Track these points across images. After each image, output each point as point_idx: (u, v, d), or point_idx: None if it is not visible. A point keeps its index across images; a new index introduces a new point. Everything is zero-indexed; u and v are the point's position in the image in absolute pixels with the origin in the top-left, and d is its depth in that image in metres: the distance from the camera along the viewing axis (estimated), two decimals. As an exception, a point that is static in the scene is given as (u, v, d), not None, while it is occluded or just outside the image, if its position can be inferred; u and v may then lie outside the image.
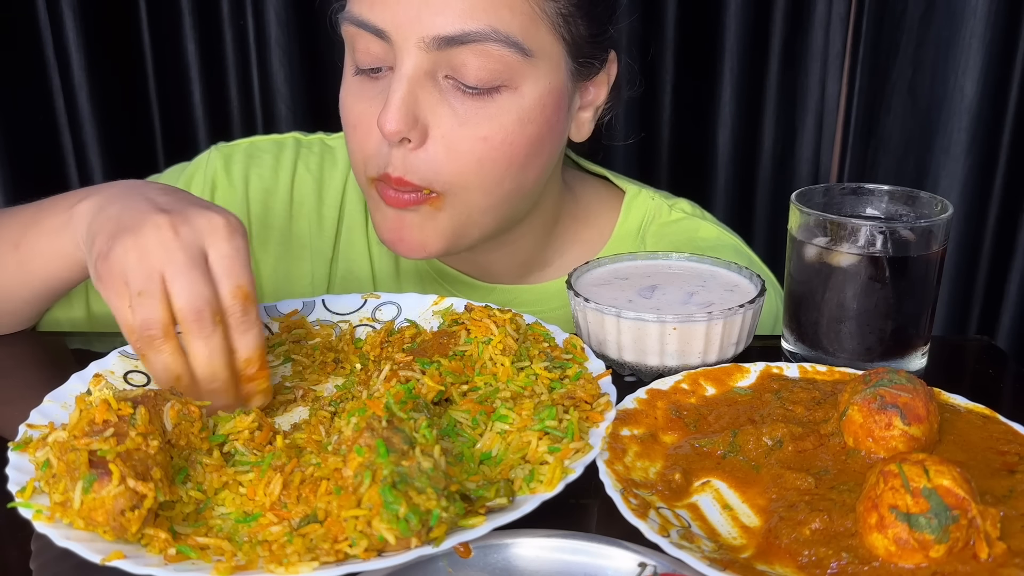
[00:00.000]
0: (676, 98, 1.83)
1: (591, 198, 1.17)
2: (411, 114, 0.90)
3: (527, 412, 0.73)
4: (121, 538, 0.62)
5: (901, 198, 0.93)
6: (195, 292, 0.74)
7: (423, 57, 0.90)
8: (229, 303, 0.76)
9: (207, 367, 0.75)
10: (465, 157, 0.92)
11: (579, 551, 0.62)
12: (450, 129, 0.92)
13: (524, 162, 0.96)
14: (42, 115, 1.80)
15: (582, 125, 1.04)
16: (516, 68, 0.91)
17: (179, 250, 0.74)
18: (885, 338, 0.88)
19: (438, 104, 0.92)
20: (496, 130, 0.92)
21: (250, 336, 0.77)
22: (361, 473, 0.61)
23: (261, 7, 1.76)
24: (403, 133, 0.90)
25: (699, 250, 1.10)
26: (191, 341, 0.74)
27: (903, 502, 0.59)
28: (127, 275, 0.74)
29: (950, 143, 1.78)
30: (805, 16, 1.76)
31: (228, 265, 0.76)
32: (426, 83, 0.91)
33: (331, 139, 1.22)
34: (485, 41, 0.89)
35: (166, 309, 0.74)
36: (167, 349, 0.74)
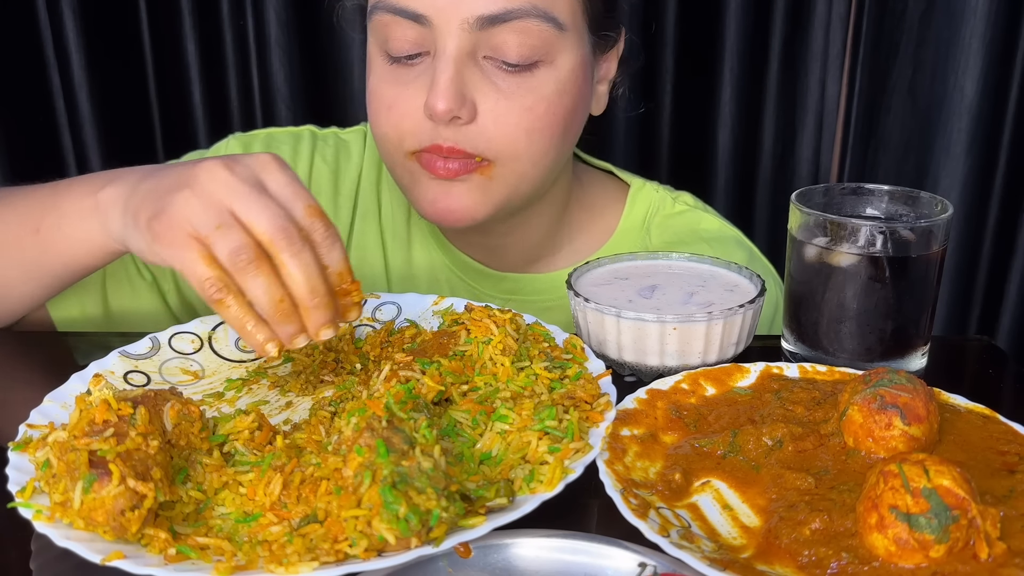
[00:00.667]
0: (676, 98, 1.83)
1: (597, 189, 1.20)
2: (460, 93, 0.93)
3: (527, 412, 0.73)
4: (121, 538, 0.62)
5: (901, 198, 0.93)
6: (273, 212, 0.73)
7: (465, 38, 0.93)
8: (308, 222, 0.75)
9: (306, 283, 0.73)
10: (514, 128, 0.96)
11: (579, 551, 0.62)
12: (496, 103, 0.95)
13: (563, 132, 1.01)
14: (42, 115, 1.80)
15: (600, 98, 1.09)
16: (552, 42, 0.95)
17: (241, 183, 0.74)
18: (885, 338, 0.88)
19: (482, 82, 0.95)
20: (539, 101, 0.97)
21: (337, 249, 0.77)
22: (361, 473, 0.61)
23: (261, 7, 1.76)
24: (454, 112, 0.93)
25: (702, 240, 1.14)
26: (285, 260, 0.73)
27: (903, 502, 0.59)
28: (192, 222, 0.73)
29: (950, 143, 1.78)
30: (805, 16, 1.76)
31: (291, 190, 0.76)
32: (469, 63, 0.94)
33: (345, 133, 1.25)
34: (525, 18, 0.93)
35: (248, 235, 0.73)
36: (263, 271, 0.72)
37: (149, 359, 0.89)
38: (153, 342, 0.90)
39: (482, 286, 1.16)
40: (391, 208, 1.19)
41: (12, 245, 0.94)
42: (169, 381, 0.87)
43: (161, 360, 0.89)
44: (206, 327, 0.94)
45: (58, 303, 1.06)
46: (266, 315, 0.74)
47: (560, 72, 0.98)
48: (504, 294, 1.16)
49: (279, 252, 0.73)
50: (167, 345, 0.91)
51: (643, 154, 1.87)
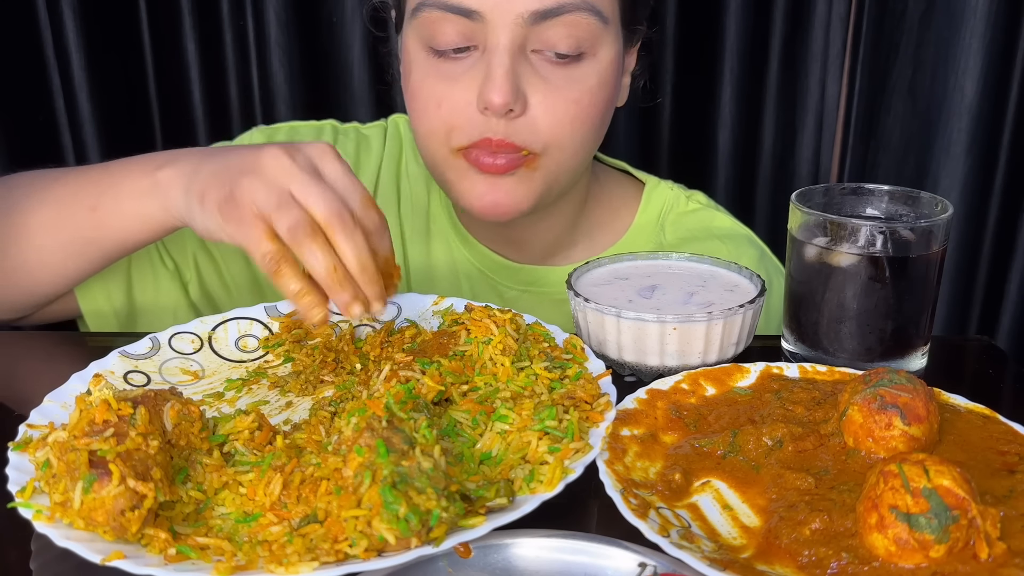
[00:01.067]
0: (676, 98, 1.83)
1: (614, 186, 1.23)
2: (515, 86, 0.96)
3: (527, 412, 0.73)
4: (121, 538, 0.62)
5: (901, 198, 0.93)
6: (329, 197, 0.79)
7: (518, 32, 0.95)
8: (363, 211, 0.81)
9: (357, 260, 0.79)
10: (561, 120, 0.99)
11: (579, 551, 0.62)
12: (545, 96, 0.98)
13: (601, 123, 1.04)
14: (42, 115, 1.80)
15: (623, 90, 1.11)
16: (597, 35, 0.98)
17: (301, 171, 0.80)
18: (885, 338, 0.88)
19: (532, 75, 0.98)
20: (584, 93, 0.99)
21: (386, 238, 0.84)
22: (361, 473, 0.61)
23: (261, 7, 1.75)
24: (510, 104, 0.95)
25: (715, 237, 1.17)
26: (339, 241, 0.78)
27: (903, 502, 0.59)
28: (257, 203, 0.79)
29: (950, 143, 1.78)
30: (805, 16, 1.76)
31: (348, 180, 0.82)
32: (519, 56, 0.97)
33: (366, 128, 1.27)
34: (575, 11, 0.96)
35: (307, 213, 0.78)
36: (319, 243, 0.78)
37: (149, 359, 0.89)
38: (153, 342, 0.90)
39: (500, 277, 1.18)
40: (410, 202, 1.21)
41: (66, 221, 0.97)
42: (169, 381, 0.87)
43: (161, 360, 0.89)
44: (206, 327, 0.94)
45: (85, 292, 1.07)
46: (321, 281, 0.79)
47: (602, 64, 1.00)
48: (521, 285, 1.18)
49: (334, 233, 0.78)
50: (167, 345, 0.91)
51: (643, 154, 1.86)
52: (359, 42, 1.75)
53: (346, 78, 1.79)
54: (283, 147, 0.82)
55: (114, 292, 1.09)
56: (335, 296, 0.79)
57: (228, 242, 0.83)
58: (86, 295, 1.08)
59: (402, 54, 1.06)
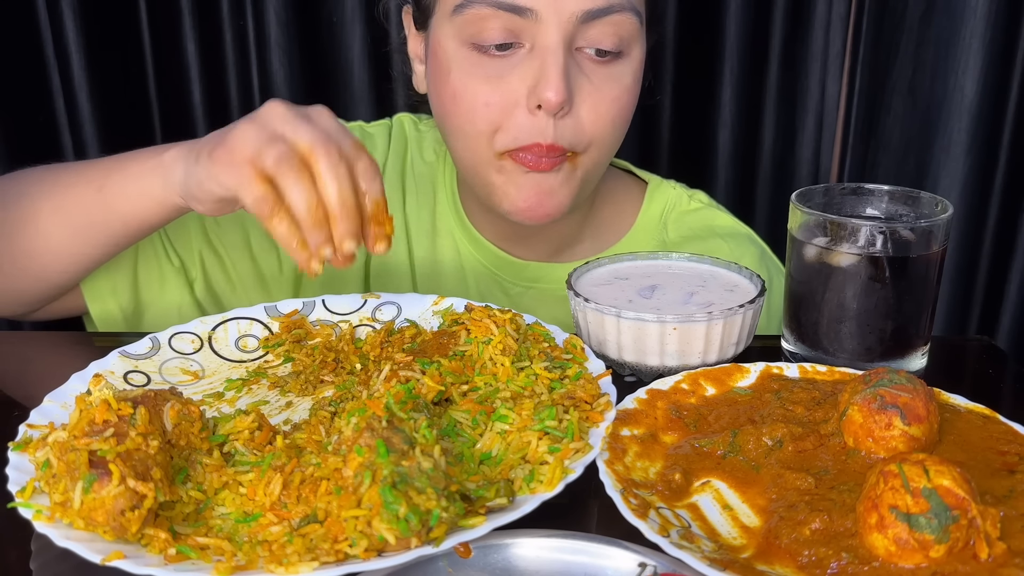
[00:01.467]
0: (676, 98, 1.83)
1: (618, 184, 1.24)
2: (569, 85, 0.97)
3: (527, 412, 0.73)
4: (121, 538, 0.62)
5: (901, 198, 0.93)
6: (317, 131, 0.78)
7: (569, 31, 0.96)
8: (353, 152, 0.79)
9: (337, 192, 0.77)
10: (604, 118, 1.00)
11: (579, 551, 0.62)
12: (589, 94, 0.99)
13: (629, 119, 1.05)
14: (42, 115, 1.80)
15: None
16: (634, 34, 1.00)
17: (293, 116, 0.80)
18: (885, 338, 0.88)
19: (577, 73, 0.99)
20: (622, 91, 1.01)
21: (377, 181, 0.80)
22: (361, 473, 0.61)
23: (261, 7, 1.75)
24: (565, 103, 0.96)
25: (716, 236, 1.17)
26: (321, 170, 0.77)
27: (903, 502, 0.59)
28: (249, 145, 0.78)
29: (950, 143, 1.78)
30: (805, 16, 1.76)
31: (340, 128, 0.81)
32: (567, 56, 0.97)
33: (370, 126, 1.27)
34: (622, 11, 0.97)
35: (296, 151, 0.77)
36: (304, 177, 0.76)
37: (149, 359, 0.89)
38: (153, 342, 0.90)
39: (505, 274, 1.19)
40: (416, 200, 1.21)
41: (73, 204, 0.97)
42: (169, 381, 0.87)
43: (161, 360, 0.89)
44: (206, 327, 0.94)
45: (92, 291, 1.08)
46: (301, 220, 0.77)
47: (635, 63, 1.02)
48: (526, 282, 1.19)
49: (316, 161, 0.77)
50: (167, 345, 0.91)
51: (643, 154, 1.86)
52: (359, 42, 1.75)
53: (346, 78, 1.79)
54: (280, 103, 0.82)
55: (121, 290, 1.09)
56: (309, 236, 0.77)
57: (219, 192, 0.82)
58: (93, 293, 1.08)
59: (431, 52, 1.04)
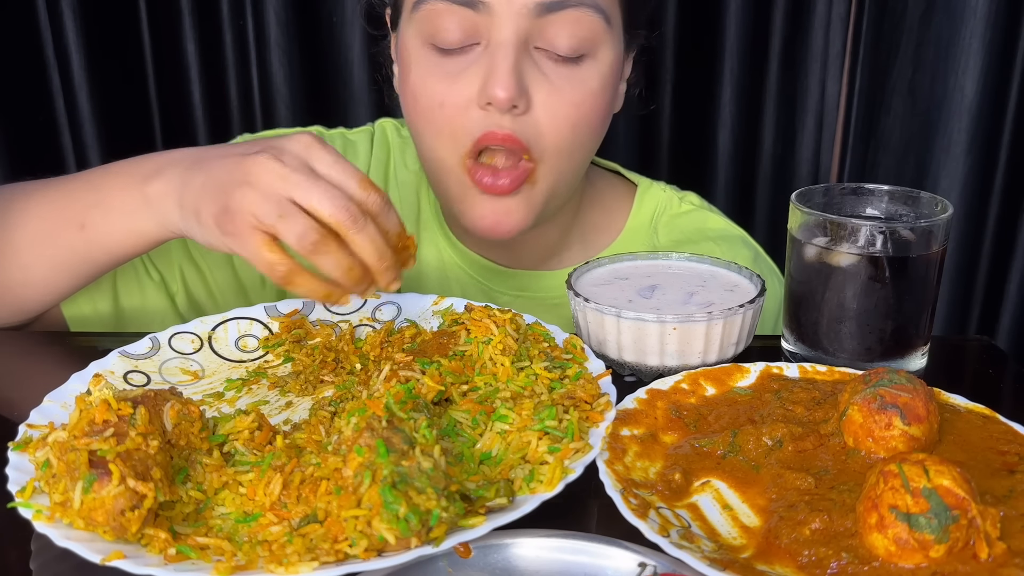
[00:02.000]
0: (676, 98, 1.83)
1: (606, 188, 1.22)
2: (520, 81, 0.94)
3: (527, 412, 0.73)
4: (121, 538, 0.62)
5: (901, 198, 0.93)
6: (333, 195, 0.78)
7: (522, 25, 0.94)
8: (363, 196, 0.80)
9: (374, 252, 0.80)
10: (562, 123, 0.97)
11: (579, 551, 0.62)
12: (547, 96, 0.96)
13: (599, 127, 1.02)
14: (42, 115, 1.80)
15: (620, 96, 1.10)
16: (600, 35, 0.97)
17: (293, 172, 0.78)
18: (885, 338, 0.88)
19: (535, 72, 0.96)
20: (586, 96, 0.98)
21: (392, 214, 0.83)
22: (361, 473, 0.61)
23: (261, 7, 1.75)
24: (515, 100, 0.94)
25: (708, 239, 1.15)
26: (353, 238, 0.79)
27: (903, 502, 0.59)
28: (256, 215, 0.78)
29: (950, 143, 1.78)
30: (805, 16, 1.76)
31: (340, 168, 0.81)
32: (524, 53, 0.95)
33: (352, 133, 1.25)
34: (580, 7, 0.94)
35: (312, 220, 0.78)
36: (332, 247, 0.78)
37: (149, 359, 0.89)
38: (153, 342, 0.90)
39: (492, 283, 1.17)
40: (399, 206, 1.19)
41: (54, 240, 0.96)
42: (169, 381, 0.87)
43: (161, 360, 0.89)
44: (206, 327, 0.94)
45: (70, 301, 1.06)
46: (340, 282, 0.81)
47: (603, 67, 0.99)
48: (514, 291, 1.17)
49: (347, 232, 0.79)
50: (167, 345, 0.91)
51: (643, 154, 1.86)
52: (359, 42, 1.75)
53: (346, 78, 1.79)
54: (268, 151, 0.80)
55: (100, 303, 1.08)
56: (353, 290, 0.82)
57: (230, 252, 0.83)
58: (71, 305, 1.06)
59: (398, 52, 1.03)
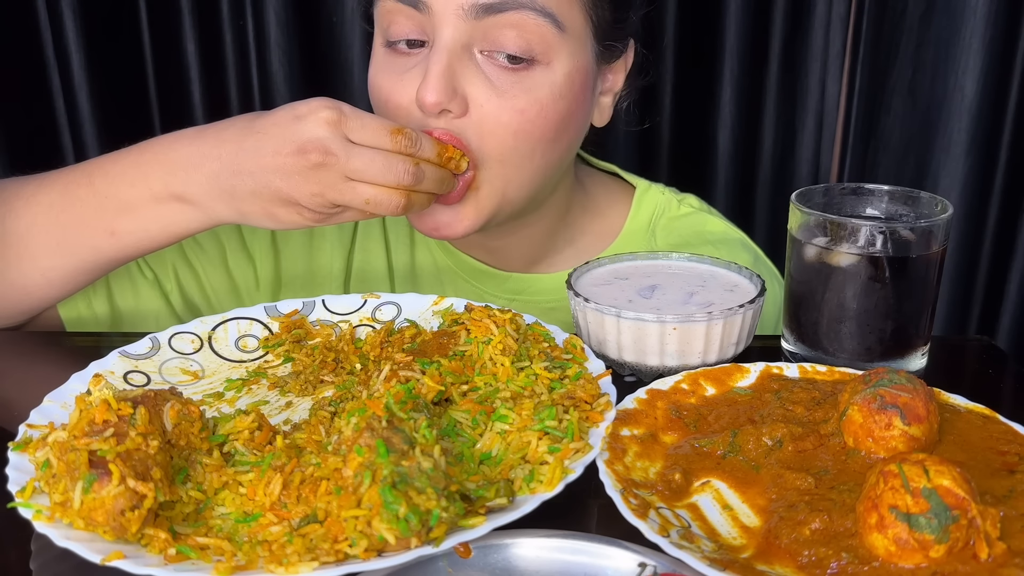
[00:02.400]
0: (676, 98, 1.83)
1: (601, 191, 1.20)
2: (450, 85, 0.93)
3: (527, 412, 0.73)
4: (121, 538, 0.62)
5: (901, 198, 0.93)
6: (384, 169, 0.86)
7: (461, 27, 0.93)
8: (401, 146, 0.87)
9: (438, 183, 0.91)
10: (503, 129, 0.95)
11: (579, 551, 0.62)
12: (488, 100, 0.95)
13: (554, 137, 0.99)
14: (42, 115, 1.80)
15: (603, 110, 1.08)
16: (549, 42, 0.94)
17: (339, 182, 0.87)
18: (885, 338, 0.88)
19: (476, 76, 0.94)
20: (531, 103, 0.95)
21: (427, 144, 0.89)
22: (361, 473, 0.61)
23: (261, 7, 1.75)
24: (443, 104, 0.93)
25: (707, 243, 1.14)
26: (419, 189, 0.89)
27: (903, 502, 0.59)
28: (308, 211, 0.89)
29: (950, 143, 1.78)
30: (805, 16, 1.76)
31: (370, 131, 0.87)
32: (464, 56, 0.94)
33: None
34: (522, 10, 0.92)
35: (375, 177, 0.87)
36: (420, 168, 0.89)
37: (149, 359, 0.89)
38: (153, 342, 0.90)
39: (486, 286, 1.17)
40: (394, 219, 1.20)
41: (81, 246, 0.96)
42: (169, 381, 0.87)
43: (161, 360, 0.89)
44: (206, 327, 0.94)
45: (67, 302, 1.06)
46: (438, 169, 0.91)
47: (556, 75, 0.96)
48: (508, 294, 1.17)
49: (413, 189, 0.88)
50: (167, 345, 0.91)
51: (643, 154, 1.86)
52: (359, 42, 1.75)
53: (346, 78, 1.79)
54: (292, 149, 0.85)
55: (96, 302, 1.08)
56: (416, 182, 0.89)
57: None
58: (67, 306, 1.06)
59: None
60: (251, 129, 0.88)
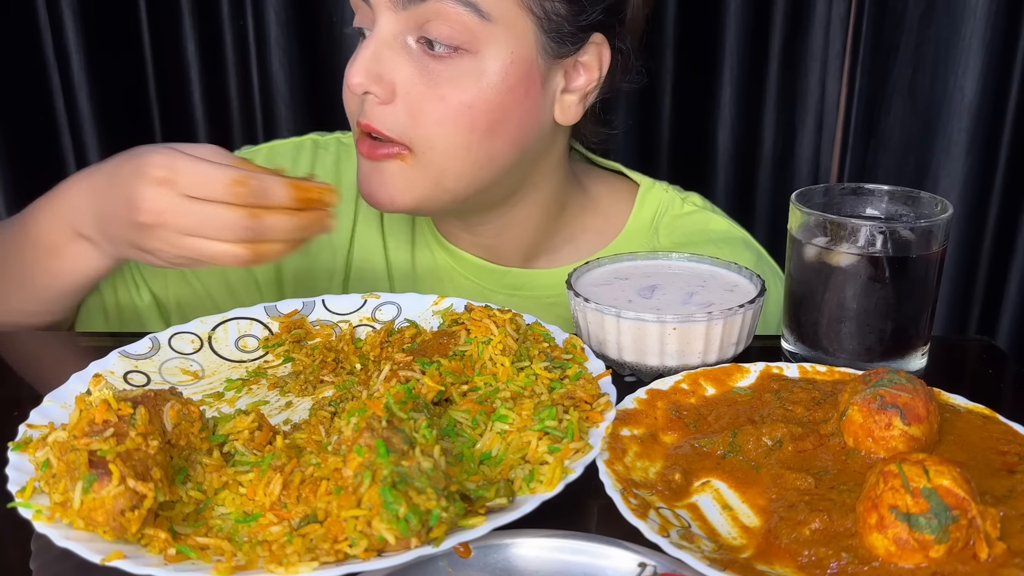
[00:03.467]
0: (676, 98, 1.83)
1: (602, 190, 1.20)
2: (374, 70, 0.96)
3: (527, 412, 0.73)
4: (121, 538, 0.62)
5: (901, 198, 0.93)
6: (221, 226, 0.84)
7: (392, 17, 0.95)
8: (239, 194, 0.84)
9: (288, 231, 0.86)
10: (426, 116, 0.97)
11: (579, 551, 0.62)
12: (412, 87, 0.96)
13: (488, 129, 0.98)
14: (42, 115, 1.80)
15: (567, 108, 1.04)
16: (475, 32, 0.94)
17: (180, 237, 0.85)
18: (885, 338, 0.88)
19: (406, 64, 0.96)
20: (453, 91, 0.96)
21: (275, 188, 0.85)
22: (361, 473, 0.61)
23: (261, 7, 1.76)
24: (365, 87, 0.96)
25: (710, 242, 1.14)
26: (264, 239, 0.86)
27: (903, 502, 0.59)
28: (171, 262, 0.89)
29: (950, 143, 1.78)
30: (805, 16, 1.76)
31: (202, 181, 0.84)
32: (395, 44, 0.96)
33: (347, 137, 1.24)
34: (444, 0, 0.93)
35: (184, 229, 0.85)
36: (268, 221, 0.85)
37: (149, 359, 0.89)
38: (153, 342, 0.90)
39: (485, 282, 1.17)
40: None
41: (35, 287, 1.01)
42: (169, 381, 0.87)
43: (161, 360, 0.89)
44: (206, 327, 0.94)
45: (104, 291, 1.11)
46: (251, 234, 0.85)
47: (485, 65, 0.95)
48: (508, 289, 1.17)
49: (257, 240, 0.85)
50: (167, 345, 0.91)
51: (643, 154, 1.86)
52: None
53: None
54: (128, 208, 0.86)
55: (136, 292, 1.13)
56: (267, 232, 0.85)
57: None
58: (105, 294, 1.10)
59: None
60: (112, 177, 0.90)
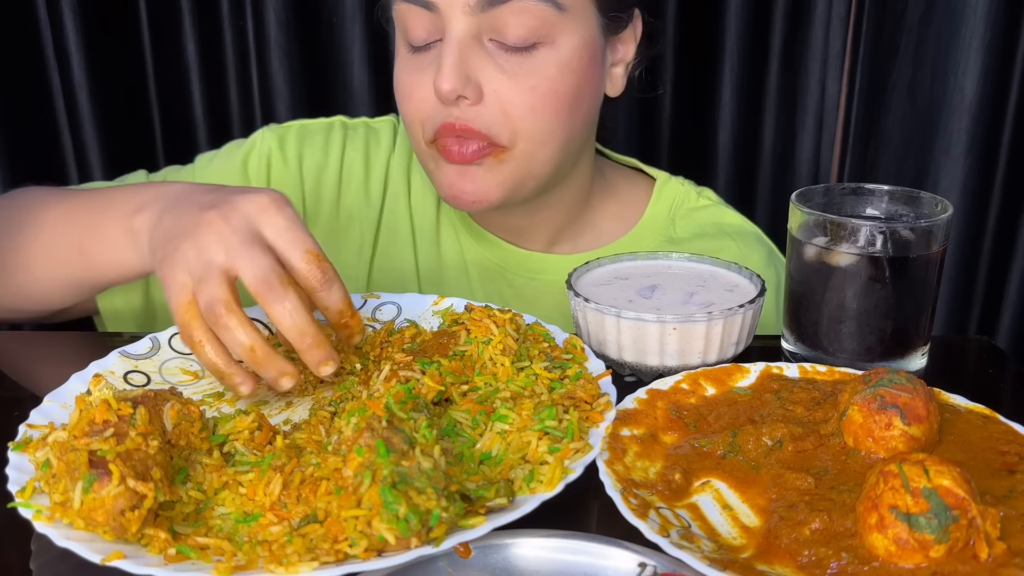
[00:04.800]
0: (676, 98, 1.83)
1: (622, 182, 1.25)
2: (463, 73, 0.97)
3: (527, 412, 0.73)
4: (121, 538, 0.62)
5: (901, 198, 0.93)
6: (257, 264, 0.76)
7: (469, 21, 0.97)
8: (305, 268, 0.78)
9: (292, 327, 0.76)
10: (519, 108, 1.00)
11: (579, 551, 0.62)
12: (500, 83, 0.99)
13: (570, 111, 1.03)
14: (42, 115, 1.80)
15: (616, 80, 1.11)
16: (552, 23, 0.99)
17: (233, 235, 0.77)
18: (885, 338, 0.88)
19: (486, 63, 0.99)
20: (541, 80, 1.00)
21: (335, 290, 0.80)
22: (361, 473, 0.61)
23: (261, 7, 1.75)
24: (458, 91, 0.97)
25: (725, 234, 1.18)
26: (269, 307, 0.76)
27: (903, 502, 0.59)
28: (187, 271, 0.77)
29: (950, 143, 1.78)
30: (805, 16, 1.76)
31: (289, 236, 0.79)
32: (473, 45, 0.98)
33: (374, 122, 1.28)
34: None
35: (227, 288, 0.76)
36: (233, 323, 0.75)
37: (149, 359, 0.89)
38: (153, 342, 0.90)
39: (508, 265, 1.20)
40: (421, 193, 1.23)
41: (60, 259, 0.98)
42: (169, 381, 0.87)
43: (161, 360, 0.89)
44: (206, 327, 0.93)
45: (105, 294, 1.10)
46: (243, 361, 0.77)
47: (562, 52, 1.00)
48: (529, 272, 1.19)
49: (264, 303, 0.76)
50: (167, 345, 0.91)
51: (643, 154, 1.85)
52: (359, 42, 1.75)
53: (346, 78, 1.79)
54: (220, 210, 0.79)
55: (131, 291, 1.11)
56: (261, 373, 0.77)
57: None
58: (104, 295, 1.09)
59: None
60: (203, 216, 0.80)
